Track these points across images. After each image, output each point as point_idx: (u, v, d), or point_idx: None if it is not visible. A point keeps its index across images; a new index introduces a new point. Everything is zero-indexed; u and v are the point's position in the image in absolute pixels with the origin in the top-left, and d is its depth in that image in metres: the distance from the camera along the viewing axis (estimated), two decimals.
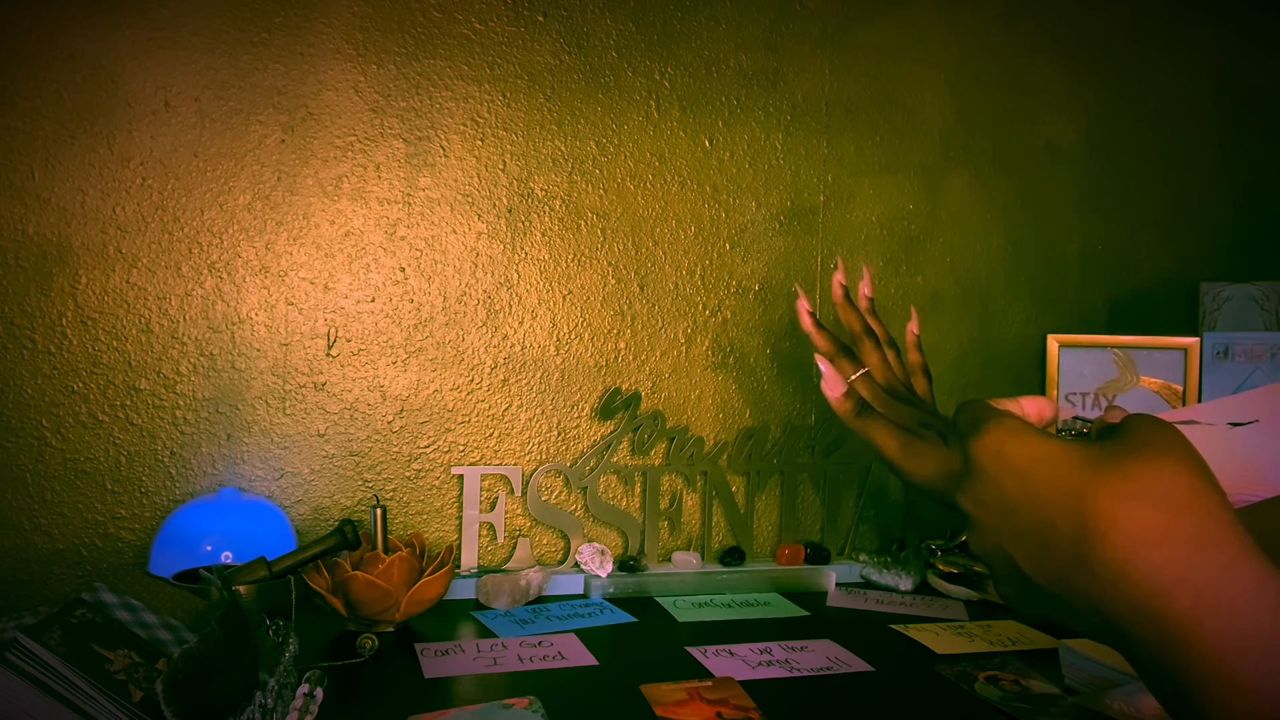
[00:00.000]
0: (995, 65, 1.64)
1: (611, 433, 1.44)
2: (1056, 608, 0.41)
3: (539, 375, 1.43)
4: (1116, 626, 0.38)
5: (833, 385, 0.69)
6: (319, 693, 0.88)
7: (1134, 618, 0.36)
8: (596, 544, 1.39)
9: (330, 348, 1.34)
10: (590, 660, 1.09)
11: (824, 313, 1.54)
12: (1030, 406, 0.52)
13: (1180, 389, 1.57)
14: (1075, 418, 0.52)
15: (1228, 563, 0.36)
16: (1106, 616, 0.38)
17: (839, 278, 0.89)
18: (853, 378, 0.77)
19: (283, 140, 1.32)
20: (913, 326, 0.89)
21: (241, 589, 1.05)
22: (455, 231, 1.39)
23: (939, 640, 1.19)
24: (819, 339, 0.84)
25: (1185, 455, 0.39)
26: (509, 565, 1.38)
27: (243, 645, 0.81)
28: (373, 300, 1.36)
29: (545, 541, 1.43)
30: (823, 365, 0.70)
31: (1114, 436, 0.42)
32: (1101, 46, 1.69)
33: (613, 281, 1.46)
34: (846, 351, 0.82)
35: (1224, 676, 0.34)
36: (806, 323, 0.85)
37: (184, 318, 1.29)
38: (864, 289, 0.90)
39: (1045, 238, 1.66)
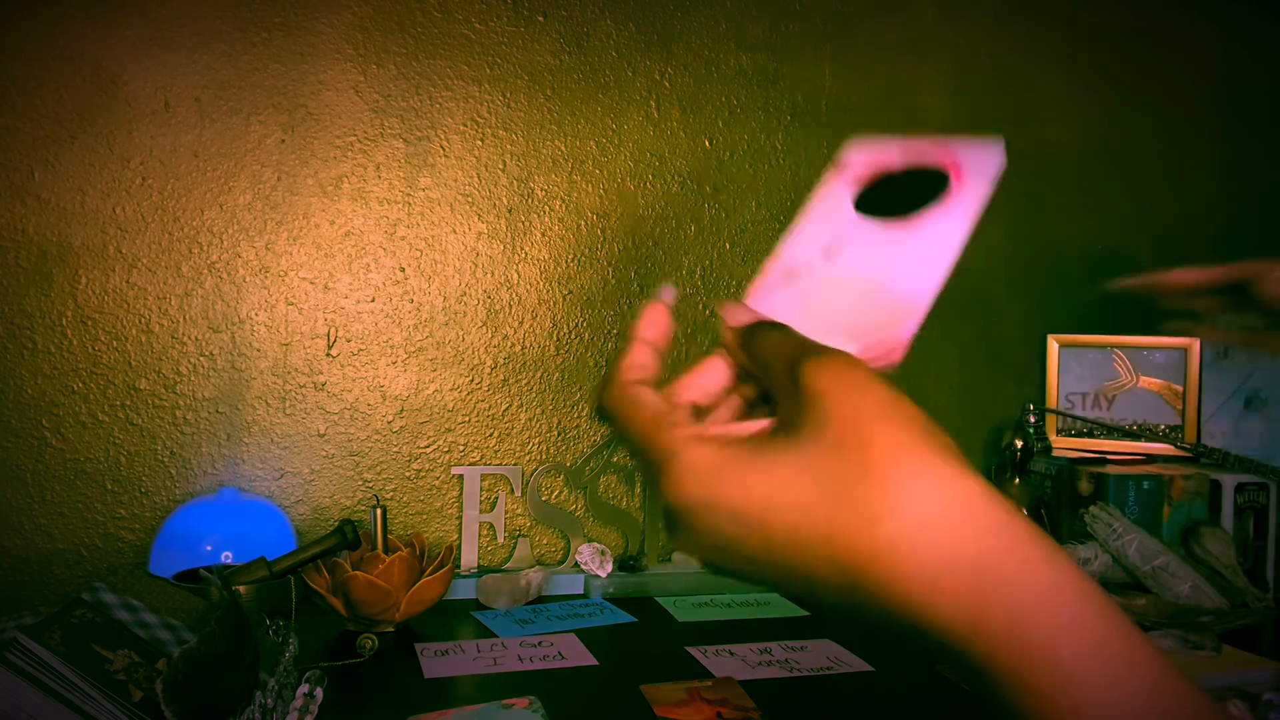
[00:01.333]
0: (996, 64, 1.64)
1: (612, 433, 1.44)
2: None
3: (539, 375, 1.43)
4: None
5: None
6: (319, 693, 0.88)
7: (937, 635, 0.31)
8: (596, 544, 1.39)
9: (330, 348, 1.34)
10: (590, 660, 1.09)
11: None
12: (647, 346, 0.42)
13: (1180, 389, 1.57)
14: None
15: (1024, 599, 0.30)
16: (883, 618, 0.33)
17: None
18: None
19: (283, 140, 1.32)
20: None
21: (241, 589, 1.05)
22: (455, 231, 1.39)
23: None
24: None
25: (929, 459, 0.32)
26: (509, 565, 1.38)
27: (243, 645, 0.81)
28: (373, 300, 1.36)
29: (545, 541, 1.43)
30: None
31: (819, 430, 0.33)
32: (1101, 47, 1.69)
33: (613, 281, 1.46)
34: None
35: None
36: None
37: (184, 318, 1.29)
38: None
39: (1045, 238, 1.66)
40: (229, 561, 1.17)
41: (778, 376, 0.37)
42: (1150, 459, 1.53)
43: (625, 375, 0.41)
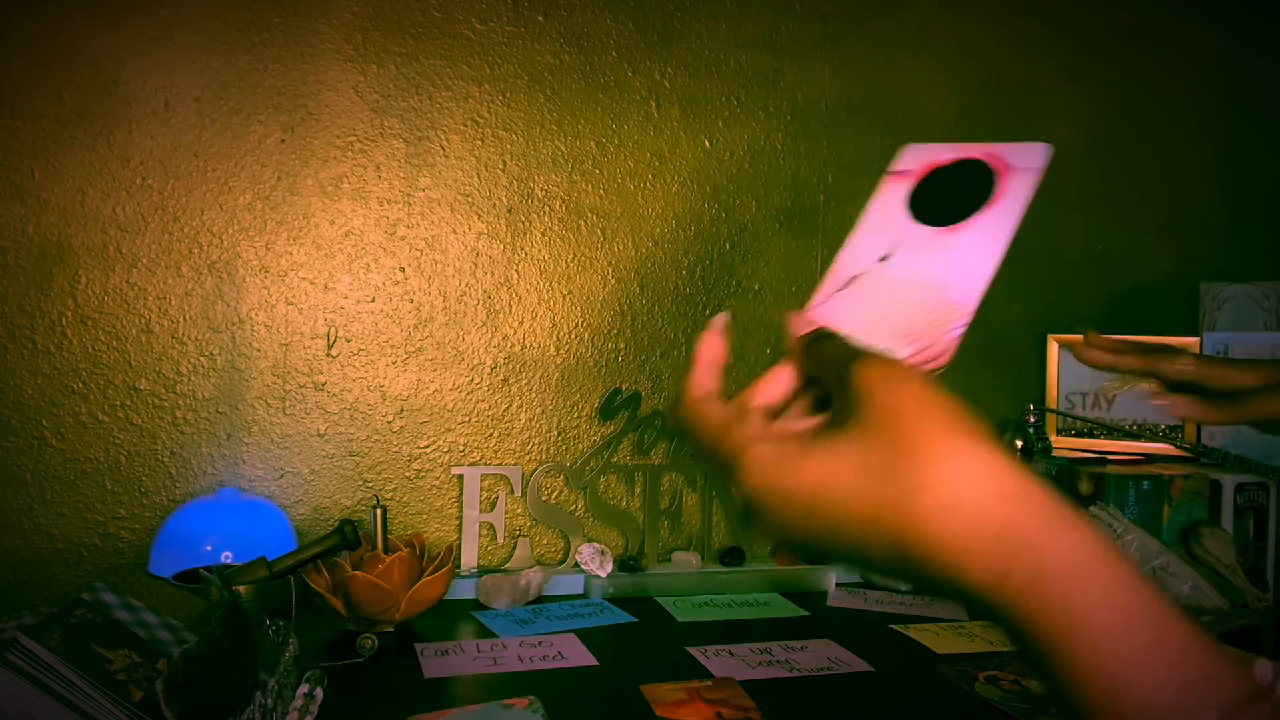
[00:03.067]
0: (996, 65, 1.64)
1: (612, 433, 1.44)
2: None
3: (539, 375, 1.43)
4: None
5: None
6: (319, 693, 0.88)
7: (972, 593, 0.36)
8: (596, 544, 1.39)
9: (330, 348, 1.34)
10: (590, 660, 1.09)
11: None
12: (707, 366, 0.47)
13: None
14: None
15: (1042, 547, 0.35)
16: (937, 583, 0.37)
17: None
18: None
19: (283, 140, 1.32)
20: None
21: (241, 589, 1.05)
22: (455, 231, 1.39)
23: (939, 640, 1.19)
24: None
25: (965, 450, 0.36)
26: (509, 565, 1.38)
27: (243, 645, 0.81)
28: (373, 300, 1.36)
29: (545, 541, 1.43)
30: None
31: (866, 421, 0.38)
32: (1102, 46, 1.69)
33: (613, 281, 1.46)
34: None
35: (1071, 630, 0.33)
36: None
37: (184, 318, 1.29)
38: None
39: (1045, 238, 1.66)
40: (229, 561, 1.17)
41: (833, 380, 0.42)
42: (1150, 459, 1.53)
43: (691, 394, 0.47)
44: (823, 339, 0.46)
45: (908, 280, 0.49)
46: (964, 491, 0.35)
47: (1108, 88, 1.69)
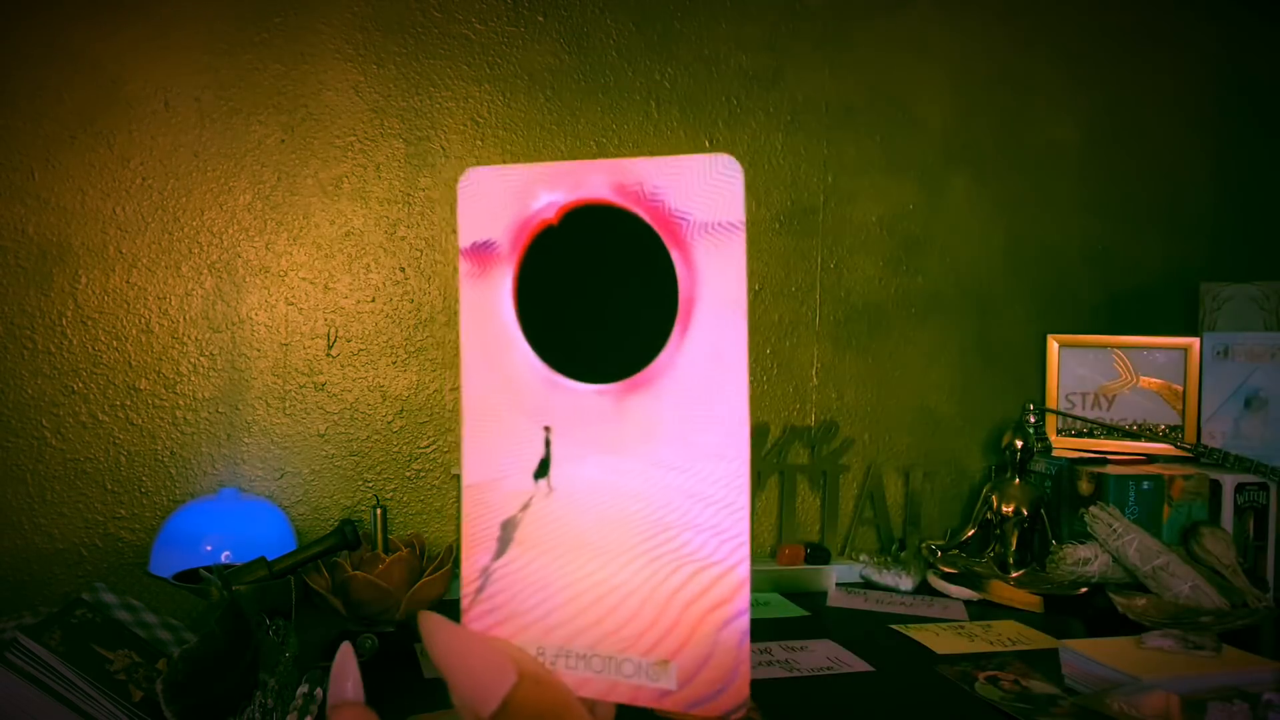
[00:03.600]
0: (996, 65, 1.64)
1: None
2: None
3: None
4: None
5: None
6: (319, 693, 0.88)
7: None
8: None
9: (330, 348, 1.34)
10: None
11: (823, 314, 1.54)
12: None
13: (1180, 389, 1.57)
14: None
15: None
16: None
17: None
18: None
19: (283, 140, 1.32)
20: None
21: (241, 589, 1.05)
22: (455, 231, 1.39)
23: (939, 640, 1.19)
24: None
25: None
26: None
27: (243, 645, 0.81)
28: (373, 300, 1.36)
29: None
30: None
31: None
32: (1102, 46, 1.69)
33: None
34: None
35: None
36: None
37: (184, 318, 1.29)
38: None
39: (1045, 238, 1.66)
40: (229, 561, 1.17)
41: None
42: (1150, 459, 1.53)
43: None
44: None
45: (606, 523, 0.27)
46: None
47: (1108, 87, 1.69)
